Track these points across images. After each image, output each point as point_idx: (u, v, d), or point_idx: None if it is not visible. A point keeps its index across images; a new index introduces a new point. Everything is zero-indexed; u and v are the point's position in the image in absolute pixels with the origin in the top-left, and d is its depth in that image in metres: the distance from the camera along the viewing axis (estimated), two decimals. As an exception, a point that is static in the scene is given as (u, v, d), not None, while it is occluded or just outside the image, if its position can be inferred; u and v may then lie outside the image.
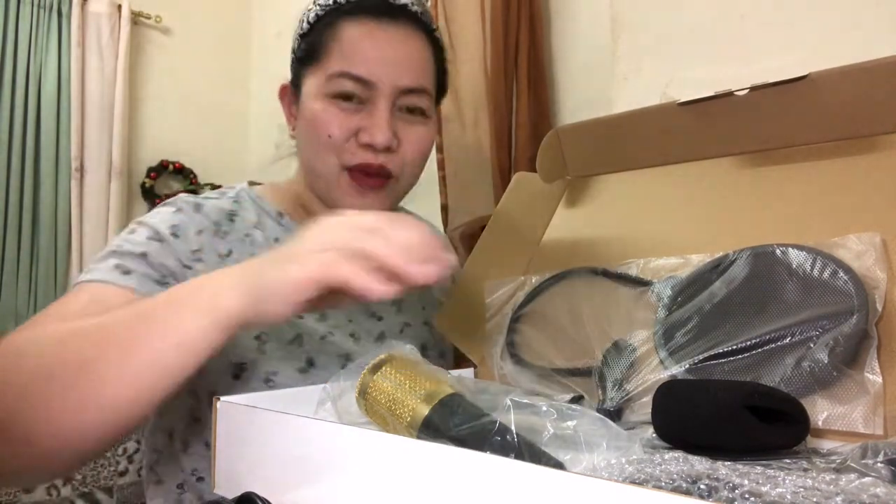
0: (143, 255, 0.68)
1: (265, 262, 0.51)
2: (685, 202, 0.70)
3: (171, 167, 2.79)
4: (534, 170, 0.82)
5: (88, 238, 2.55)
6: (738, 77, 0.67)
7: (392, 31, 0.73)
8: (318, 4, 0.77)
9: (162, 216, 0.74)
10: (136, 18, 2.72)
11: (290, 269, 0.48)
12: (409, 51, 0.74)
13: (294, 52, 0.79)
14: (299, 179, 0.83)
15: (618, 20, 1.30)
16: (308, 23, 0.77)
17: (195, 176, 2.84)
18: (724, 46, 1.10)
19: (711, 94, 0.66)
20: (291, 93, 0.80)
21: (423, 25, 0.77)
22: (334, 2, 0.75)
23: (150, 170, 2.75)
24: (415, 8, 0.76)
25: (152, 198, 2.73)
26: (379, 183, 0.74)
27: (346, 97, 0.73)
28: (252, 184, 0.86)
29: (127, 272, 0.66)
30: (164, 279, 0.68)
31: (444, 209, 1.70)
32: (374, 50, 0.72)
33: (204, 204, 0.78)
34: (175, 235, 0.72)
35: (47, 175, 2.48)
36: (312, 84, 0.75)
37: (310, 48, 0.76)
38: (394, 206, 0.81)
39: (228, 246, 0.75)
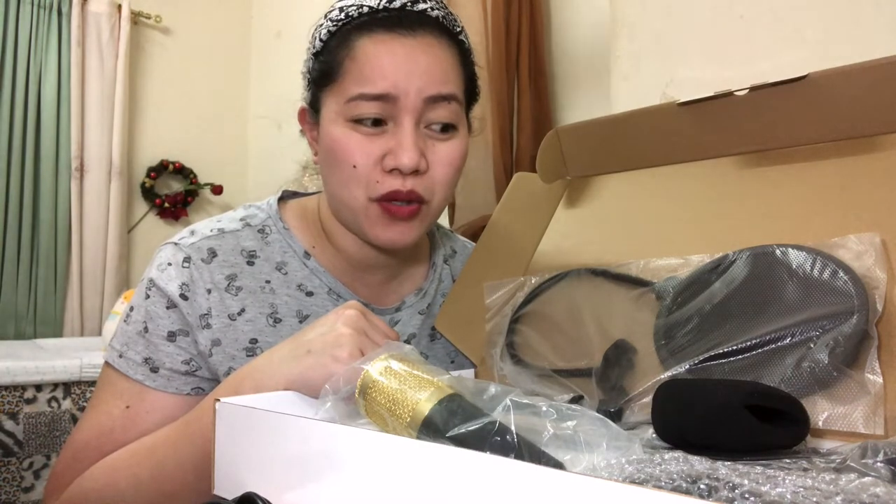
0: (171, 337, 0.72)
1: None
2: (685, 202, 0.70)
3: (171, 167, 2.79)
4: (535, 170, 0.82)
5: (88, 238, 2.55)
6: (738, 77, 0.67)
7: (411, 42, 0.68)
8: (330, 20, 0.72)
9: (170, 274, 0.72)
10: (136, 18, 2.72)
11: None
12: (431, 60, 0.68)
13: (309, 72, 0.75)
14: (325, 207, 0.79)
15: (618, 20, 1.30)
16: (320, 41, 0.72)
17: (195, 176, 2.84)
18: (724, 46, 1.10)
19: (711, 94, 0.66)
20: (310, 116, 0.76)
21: (446, 30, 0.71)
22: (346, 16, 0.70)
23: (150, 170, 2.75)
24: (435, 12, 0.71)
25: (152, 198, 2.73)
26: (411, 211, 0.70)
27: (368, 121, 0.68)
28: (283, 198, 0.83)
29: (155, 369, 0.71)
30: (190, 363, 0.72)
31: (451, 207, 1.71)
32: (392, 64, 0.67)
33: (220, 246, 0.75)
34: (184, 297, 0.72)
35: (47, 175, 2.47)
36: (331, 107, 0.70)
37: (325, 68, 0.71)
38: (425, 232, 0.76)
39: (241, 304, 0.73)
